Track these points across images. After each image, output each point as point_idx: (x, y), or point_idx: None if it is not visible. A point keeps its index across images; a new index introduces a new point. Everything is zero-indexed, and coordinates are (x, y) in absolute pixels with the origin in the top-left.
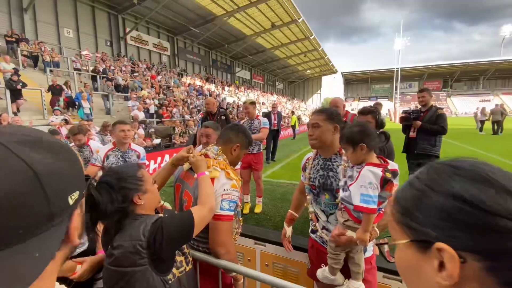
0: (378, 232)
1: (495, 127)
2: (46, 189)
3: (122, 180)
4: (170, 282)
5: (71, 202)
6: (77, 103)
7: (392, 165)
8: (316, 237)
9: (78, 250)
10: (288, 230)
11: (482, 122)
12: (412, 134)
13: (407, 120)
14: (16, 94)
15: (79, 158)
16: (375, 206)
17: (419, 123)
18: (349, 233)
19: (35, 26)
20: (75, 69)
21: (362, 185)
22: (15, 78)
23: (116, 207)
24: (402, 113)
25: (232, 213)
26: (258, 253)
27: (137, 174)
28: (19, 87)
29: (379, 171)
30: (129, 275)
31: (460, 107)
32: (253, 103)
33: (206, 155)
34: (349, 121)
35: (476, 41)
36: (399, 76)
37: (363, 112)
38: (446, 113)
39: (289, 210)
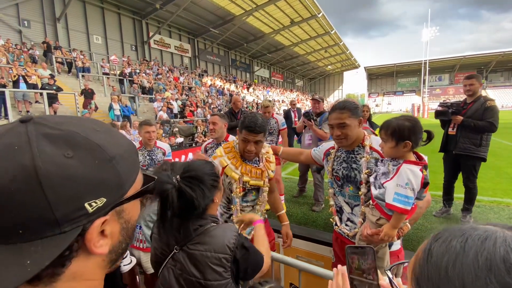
0: (409, 226)
1: None
2: (46, 191)
3: (207, 176)
4: None
5: (89, 209)
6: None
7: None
8: (340, 230)
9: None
10: None
11: None
12: (451, 130)
13: (444, 114)
14: (52, 98)
15: (122, 161)
16: (409, 207)
17: (460, 118)
18: None
19: (67, 34)
20: (104, 73)
21: (400, 184)
22: (51, 82)
23: (206, 204)
24: (439, 106)
25: None
26: (281, 246)
27: (215, 171)
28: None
29: (418, 170)
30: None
31: (498, 100)
32: (267, 106)
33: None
34: None
35: (506, 29)
36: (428, 68)
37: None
38: (497, 106)
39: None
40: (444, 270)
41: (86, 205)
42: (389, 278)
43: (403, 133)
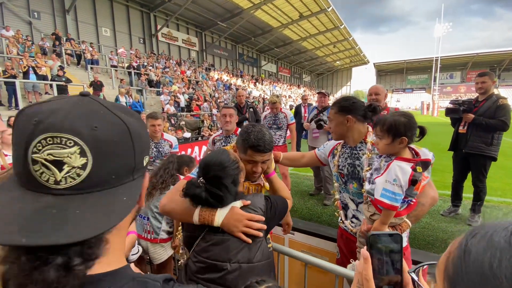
0: (410, 224)
1: None
2: (135, 144)
3: (228, 169)
4: None
5: (144, 162)
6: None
7: (425, 154)
8: (345, 226)
9: (133, 257)
10: None
11: None
12: (461, 129)
13: (455, 112)
14: (61, 90)
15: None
16: (397, 204)
17: (471, 116)
18: None
19: (76, 26)
20: (112, 66)
21: (388, 180)
22: (60, 73)
23: (234, 194)
24: (450, 103)
25: None
26: (287, 241)
27: (232, 157)
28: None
29: (408, 167)
30: (251, 244)
31: (510, 99)
32: (275, 103)
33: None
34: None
35: None
36: (439, 65)
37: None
38: (509, 104)
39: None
40: (488, 268)
41: (144, 158)
42: (414, 280)
43: (399, 129)
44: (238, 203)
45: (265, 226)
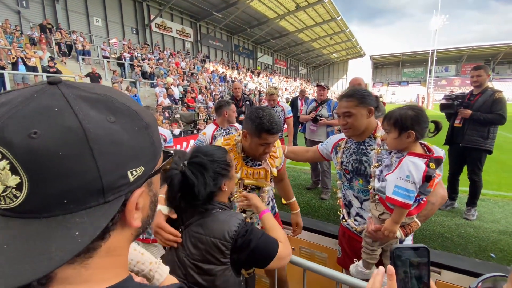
0: (419, 223)
1: None
2: (96, 156)
3: (215, 163)
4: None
5: (131, 178)
6: None
7: (437, 151)
8: (347, 224)
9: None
10: None
11: None
12: (457, 123)
13: (449, 107)
14: None
15: (155, 130)
16: (410, 202)
17: (468, 112)
18: None
19: (67, 16)
20: (104, 57)
21: (400, 176)
22: (51, 64)
23: (207, 192)
24: (443, 99)
25: None
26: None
27: (227, 158)
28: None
29: (422, 163)
30: (211, 272)
31: (504, 93)
32: (272, 94)
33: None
34: None
35: None
36: (435, 58)
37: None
38: (505, 97)
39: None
40: None
41: (128, 173)
42: None
43: (406, 123)
44: (164, 209)
45: (179, 239)
